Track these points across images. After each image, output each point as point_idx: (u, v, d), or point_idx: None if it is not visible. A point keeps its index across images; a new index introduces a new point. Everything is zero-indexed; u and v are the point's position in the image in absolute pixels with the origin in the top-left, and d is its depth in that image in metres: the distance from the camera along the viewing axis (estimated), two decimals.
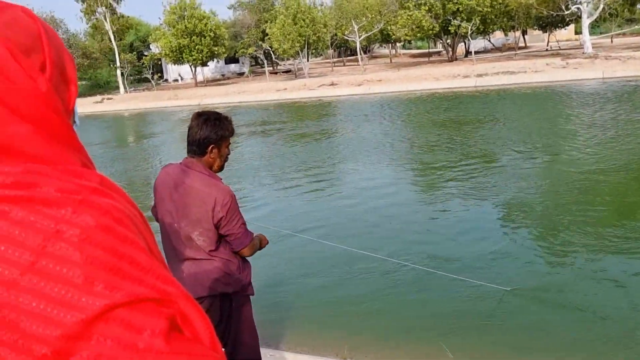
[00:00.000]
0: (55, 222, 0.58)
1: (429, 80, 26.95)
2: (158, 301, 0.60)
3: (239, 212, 2.56)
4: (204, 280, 2.55)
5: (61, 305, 0.55)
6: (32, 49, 0.66)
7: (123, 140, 19.32)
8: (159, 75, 49.31)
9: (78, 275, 0.56)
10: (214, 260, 2.56)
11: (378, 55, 60.96)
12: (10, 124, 0.62)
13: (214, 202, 2.45)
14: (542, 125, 13.19)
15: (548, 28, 42.50)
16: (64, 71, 0.71)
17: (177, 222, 2.54)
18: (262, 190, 9.27)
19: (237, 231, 2.54)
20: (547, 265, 5.22)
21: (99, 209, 0.60)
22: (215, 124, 2.51)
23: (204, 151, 2.52)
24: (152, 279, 0.61)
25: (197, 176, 2.50)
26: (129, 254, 0.60)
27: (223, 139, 2.54)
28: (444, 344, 3.87)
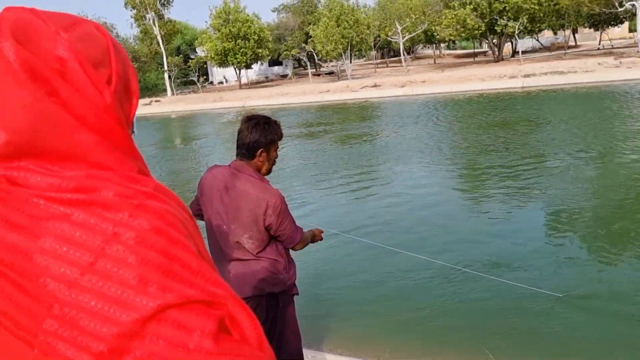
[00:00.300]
0: (113, 225, 0.61)
1: (474, 81, 26.45)
2: (207, 303, 0.63)
3: (289, 212, 2.59)
4: (251, 281, 2.58)
5: (117, 304, 0.58)
6: (100, 62, 0.70)
7: (171, 141, 19.83)
8: (204, 78, 50.38)
9: (133, 276, 0.59)
10: (261, 260, 2.58)
11: (422, 56, 60.29)
12: (76, 132, 0.66)
13: (266, 205, 2.48)
14: (595, 127, 12.73)
15: (600, 26, 40.95)
16: (128, 84, 0.76)
17: (227, 225, 2.56)
18: (307, 191, 9.33)
19: (288, 231, 2.58)
20: (600, 272, 5.04)
21: (154, 213, 0.64)
22: (264, 128, 2.54)
23: (253, 155, 2.55)
24: (202, 281, 0.63)
25: (247, 179, 2.53)
26: (181, 257, 0.63)
27: (272, 143, 2.57)
28: (487, 350, 3.79)
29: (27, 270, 0.60)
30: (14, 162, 0.65)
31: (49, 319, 0.59)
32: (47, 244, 0.60)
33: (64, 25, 0.69)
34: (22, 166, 0.65)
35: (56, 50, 0.67)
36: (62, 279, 0.59)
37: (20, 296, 0.60)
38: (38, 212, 0.62)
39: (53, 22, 0.69)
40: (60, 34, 0.68)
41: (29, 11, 0.69)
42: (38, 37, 0.67)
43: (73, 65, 0.67)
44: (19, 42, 0.65)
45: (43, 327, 0.59)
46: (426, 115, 18.48)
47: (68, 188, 0.63)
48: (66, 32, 0.68)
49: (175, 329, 0.60)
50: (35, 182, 0.64)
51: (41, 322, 0.59)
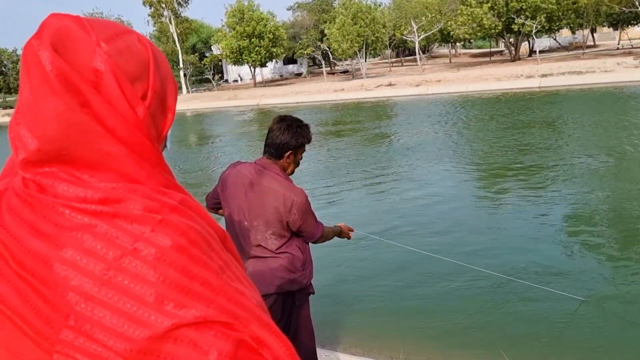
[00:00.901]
0: (135, 240, 0.61)
1: (490, 81, 26.21)
2: (227, 324, 0.62)
3: (311, 212, 2.64)
4: (269, 278, 2.59)
5: (132, 320, 0.58)
6: (138, 77, 0.70)
7: (186, 139, 19.93)
8: (219, 76, 50.61)
9: (150, 293, 0.59)
10: (279, 258, 2.61)
11: (437, 55, 59.93)
12: (106, 144, 0.66)
13: (292, 204, 2.53)
14: (615, 128, 12.54)
15: (619, 25, 40.33)
16: (164, 100, 0.75)
17: (249, 221, 2.60)
18: (325, 191, 9.31)
19: (310, 228, 2.64)
20: (623, 275, 4.94)
21: (177, 229, 0.63)
22: (296, 132, 2.58)
23: (281, 155, 2.59)
24: (222, 300, 0.63)
25: (274, 177, 2.58)
26: (201, 275, 0.62)
27: (301, 147, 2.62)
28: (504, 353, 3.73)
29: (47, 278, 0.60)
30: (44, 167, 0.66)
31: (65, 329, 0.59)
32: (68, 254, 0.61)
33: (106, 37, 0.69)
34: (51, 172, 0.65)
35: (93, 61, 0.67)
36: (79, 290, 0.59)
37: (40, 304, 0.60)
38: (63, 222, 0.63)
39: (95, 32, 0.68)
40: (101, 45, 0.68)
41: (73, 19, 0.69)
42: (76, 48, 0.66)
43: (108, 78, 0.67)
44: (57, 51, 0.65)
45: (60, 337, 0.59)
46: (442, 114, 18.36)
47: (94, 199, 0.64)
48: (107, 44, 0.68)
49: (190, 348, 0.59)
50: (63, 191, 0.64)
51: (58, 331, 0.59)
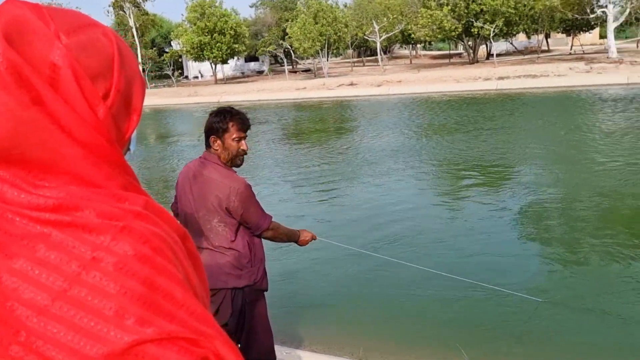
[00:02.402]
0: (93, 249, 0.57)
1: (449, 82, 26.73)
2: (190, 340, 0.58)
3: (254, 201, 2.65)
4: (216, 273, 2.61)
5: (88, 337, 0.54)
6: (100, 74, 0.64)
7: (144, 136, 19.50)
8: (179, 72, 49.76)
9: (110, 307, 0.55)
10: (225, 254, 2.63)
11: (398, 56, 60.67)
12: (61, 145, 0.61)
13: (229, 191, 2.56)
14: (567, 131, 12.99)
15: (572, 31, 41.86)
16: (129, 100, 0.69)
17: (196, 212, 2.65)
18: (276, 192, 9.27)
19: (254, 218, 2.65)
20: (579, 276, 5.08)
21: (139, 237, 0.59)
22: (216, 116, 2.62)
23: (208, 143, 2.65)
24: (185, 315, 0.59)
25: (214, 167, 2.62)
26: (165, 287, 0.58)
27: (223, 131, 2.60)
28: (462, 349, 3.80)
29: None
30: None
31: (14, 345, 0.54)
32: (18, 265, 0.56)
33: (67, 29, 0.63)
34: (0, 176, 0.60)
35: (51, 55, 0.60)
36: (30, 304, 0.54)
37: None
38: (13, 230, 0.57)
39: (56, 23, 0.62)
40: (60, 37, 0.61)
41: (31, 8, 0.62)
42: (32, 39, 0.60)
43: (66, 74, 0.61)
44: (10, 42, 0.59)
45: (9, 353, 0.54)
46: (403, 115, 18.61)
47: (48, 206, 0.58)
48: (67, 37, 0.62)
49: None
50: (13, 197, 0.59)
51: (7, 346, 0.54)
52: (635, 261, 5.20)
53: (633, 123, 12.92)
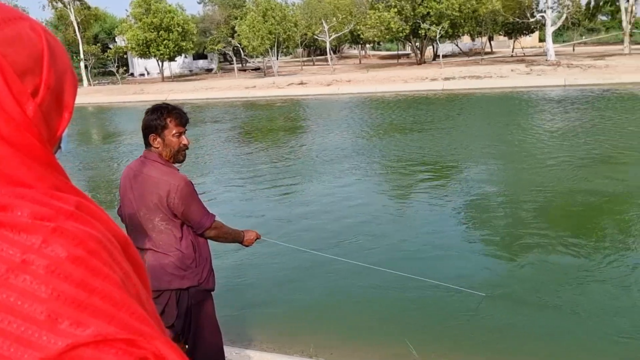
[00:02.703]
0: (22, 252, 0.54)
1: (397, 82, 27.18)
2: (129, 341, 0.56)
3: (196, 198, 2.61)
4: (160, 274, 2.57)
5: (19, 343, 0.51)
6: (28, 70, 0.61)
7: (87, 135, 18.82)
8: (124, 69, 48.27)
9: (41, 311, 0.52)
10: (169, 255, 2.59)
11: (347, 56, 61.18)
12: None
13: (169, 188, 2.52)
14: (510, 130, 13.47)
15: (513, 35, 43.48)
16: (61, 97, 0.66)
17: (138, 212, 2.59)
18: (226, 190, 9.17)
19: (195, 216, 2.60)
20: (521, 271, 5.24)
21: (73, 238, 0.56)
22: (153, 113, 2.59)
23: (148, 141, 2.60)
24: (125, 316, 0.57)
25: (153, 165, 2.58)
26: (101, 289, 0.56)
27: (162, 128, 2.57)
28: (409, 343, 3.87)
29: None
30: None
31: None
32: None
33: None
34: None
35: None
36: None
37: None
38: None
39: None
40: None
41: None
42: None
43: None
44: None
45: None
46: (352, 114, 18.77)
47: None
48: None
49: None
50: None
51: None
52: (574, 254, 5.46)
53: (570, 122, 13.56)
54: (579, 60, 30.09)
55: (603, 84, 21.58)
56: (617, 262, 5.25)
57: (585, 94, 19.21)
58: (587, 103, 17.00)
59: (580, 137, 11.50)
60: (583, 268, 5.16)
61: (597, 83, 21.86)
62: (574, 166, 9.03)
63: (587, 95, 19.03)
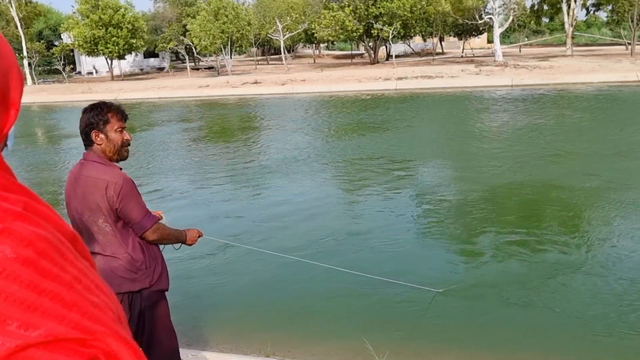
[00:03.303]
0: None
1: (352, 82, 27.41)
2: (79, 340, 0.55)
3: (135, 196, 2.55)
4: (110, 278, 2.51)
5: None
6: None
7: (32, 135, 18.08)
8: (71, 67, 46.58)
9: None
10: (118, 258, 2.54)
11: (302, 55, 61.19)
12: None
13: (106, 185, 2.47)
14: (457, 129, 13.82)
15: (463, 36, 44.62)
16: (6, 95, 0.65)
17: (82, 215, 2.53)
18: (179, 194, 9.02)
19: (135, 215, 2.53)
20: (473, 266, 5.39)
21: (21, 239, 0.55)
22: (91, 110, 2.56)
23: (91, 140, 2.55)
24: (76, 315, 0.55)
25: (92, 165, 2.53)
26: (51, 290, 0.55)
27: (104, 123, 2.54)
28: (366, 340, 3.93)
29: None
30: None
31: None
32: None
33: None
34: None
35: None
36: None
37: None
38: None
39: None
40: None
41: None
42: None
43: None
44: None
45: None
46: (307, 114, 18.81)
47: None
48: None
49: None
50: None
51: None
52: (526, 250, 5.65)
53: (518, 120, 14.05)
54: (525, 61, 31.18)
55: (547, 84, 22.48)
56: (573, 254, 5.47)
57: (530, 94, 19.97)
58: (532, 102, 17.66)
59: (526, 134, 11.94)
60: (539, 261, 5.36)
61: (541, 83, 22.75)
62: (522, 162, 9.37)
63: (532, 94, 19.77)
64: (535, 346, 3.93)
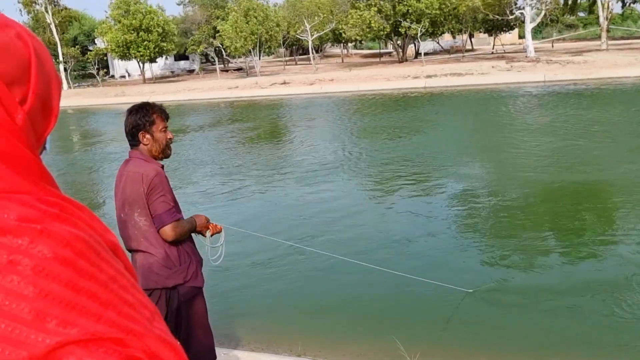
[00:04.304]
0: (9, 253, 0.54)
1: (380, 81, 27.28)
2: (117, 340, 0.56)
3: (164, 191, 2.60)
4: (147, 274, 2.61)
5: (6, 342, 0.51)
6: (16, 80, 0.61)
7: (68, 138, 18.58)
8: (104, 71, 47.70)
9: (29, 310, 0.52)
10: (153, 254, 2.61)
11: (330, 55, 61.20)
12: None
13: (141, 177, 2.57)
14: (491, 127, 13.61)
15: (493, 32, 43.87)
16: (48, 102, 0.66)
17: (122, 210, 2.64)
18: (213, 191, 9.14)
19: (158, 208, 2.58)
20: (503, 267, 5.28)
21: (60, 239, 0.57)
22: (138, 111, 2.66)
23: (138, 140, 2.65)
24: (113, 314, 0.57)
25: (134, 162, 2.65)
26: (88, 289, 0.56)
27: (151, 124, 2.65)
28: (397, 341, 3.90)
29: None
30: None
31: None
32: None
33: None
34: None
35: None
36: None
37: None
38: None
39: None
40: None
41: None
42: None
43: None
44: None
45: None
46: (336, 113, 18.81)
47: None
48: None
49: None
50: None
51: None
52: (562, 254, 5.48)
53: (552, 117, 13.74)
54: (558, 57, 30.49)
55: (582, 79, 21.92)
56: (607, 259, 5.28)
57: (564, 89, 19.50)
58: (566, 98, 17.25)
59: (561, 132, 11.67)
60: (571, 266, 5.21)
61: (575, 78, 22.18)
62: (560, 161, 9.15)
63: (566, 90, 19.31)
64: (567, 357, 3.83)
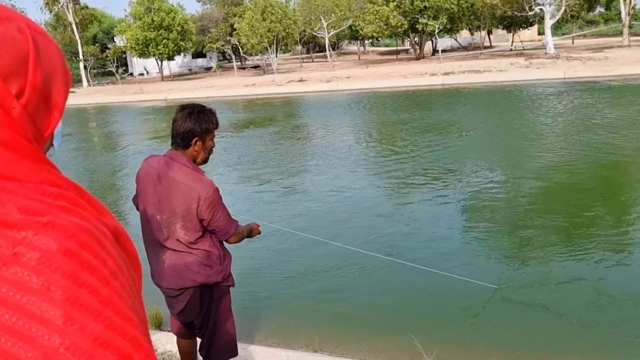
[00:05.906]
0: (14, 245, 0.54)
1: (397, 78, 27.16)
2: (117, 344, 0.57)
3: (222, 204, 2.58)
4: (184, 272, 2.59)
5: (9, 334, 0.52)
6: (13, 72, 0.61)
7: (88, 134, 18.84)
8: (123, 69, 48.24)
9: (33, 302, 0.53)
10: (193, 252, 2.59)
11: (347, 52, 61.09)
12: None
13: (198, 196, 2.47)
14: (510, 124, 13.48)
15: (512, 28, 43.40)
16: (49, 96, 0.66)
17: (160, 214, 2.56)
18: (233, 187, 9.20)
19: (221, 223, 2.57)
20: (530, 263, 5.20)
21: (65, 231, 0.57)
22: (199, 117, 2.52)
23: (188, 144, 2.53)
24: (110, 313, 0.57)
25: (180, 169, 2.52)
26: (90, 283, 0.56)
27: (207, 132, 2.55)
28: (415, 338, 3.89)
29: None
30: None
31: None
32: None
33: None
34: None
35: None
36: None
37: None
38: None
39: None
40: None
41: None
42: None
43: None
44: None
45: None
46: (353, 111, 18.79)
47: None
48: None
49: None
50: None
51: None
52: (583, 250, 5.40)
53: (571, 115, 13.56)
54: (578, 53, 30.05)
55: (603, 76, 21.57)
56: (630, 258, 5.19)
57: (585, 87, 19.20)
58: (588, 96, 16.99)
59: (582, 130, 11.51)
60: (596, 263, 5.13)
61: (597, 75, 21.84)
62: (577, 159, 9.04)
63: (587, 87, 19.02)
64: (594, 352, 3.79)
